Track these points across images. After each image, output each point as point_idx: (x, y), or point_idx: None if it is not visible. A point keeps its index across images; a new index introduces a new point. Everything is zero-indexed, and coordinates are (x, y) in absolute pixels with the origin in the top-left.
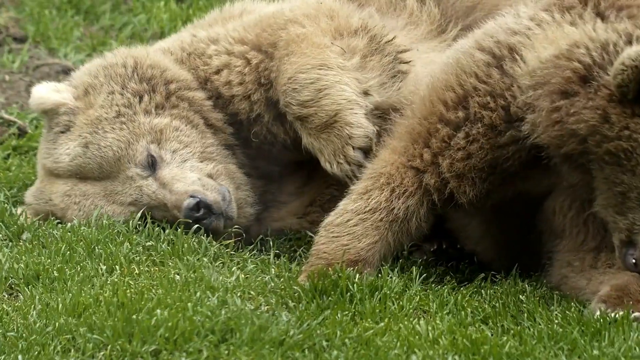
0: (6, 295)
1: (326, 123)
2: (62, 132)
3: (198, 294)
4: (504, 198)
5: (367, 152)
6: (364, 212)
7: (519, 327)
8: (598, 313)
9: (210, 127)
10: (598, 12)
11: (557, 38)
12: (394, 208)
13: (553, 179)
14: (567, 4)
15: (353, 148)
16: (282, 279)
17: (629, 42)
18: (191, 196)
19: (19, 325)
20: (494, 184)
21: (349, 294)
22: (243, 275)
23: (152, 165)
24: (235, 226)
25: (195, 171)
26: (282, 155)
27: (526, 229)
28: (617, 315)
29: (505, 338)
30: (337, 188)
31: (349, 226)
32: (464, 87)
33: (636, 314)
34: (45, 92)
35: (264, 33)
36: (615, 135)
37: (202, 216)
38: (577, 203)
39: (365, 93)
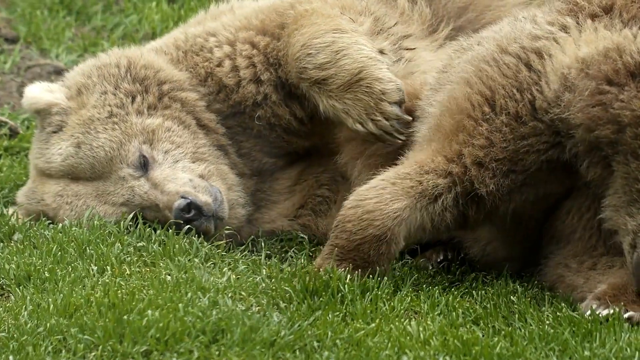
0: None
1: (349, 82)
2: (55, 132)
3: (189, 294)
4: (525, 202)
5: (400, 105)
6: (394, 179)
7: (510, 328)
8: (589, 311)
9: (203, 128)
10: (626, 23)
11: (593, 40)
12: (423, 181)
13: (573, 181)
14: (591, 11)
15: (389, 103)
16: (273, 280)
17: None
18: (182, 197)
19: (10, 325)
20: (516, 182)
21: (340, 294)
22: (234, 276)
23: (144, 165)
24: (227, 227)
25: (187, 172)
26: (280, 142)
27: (539, 230)
28: (607, 314)
29: (496, 339)
30: (328, 188)
31: (377, 189)
32: (492, 88)
33: (630, 313)
34: (38, 92)
35: (269, 17)
36: None
37: (192, 217)
38: (595, 205)
39: (381, 52)
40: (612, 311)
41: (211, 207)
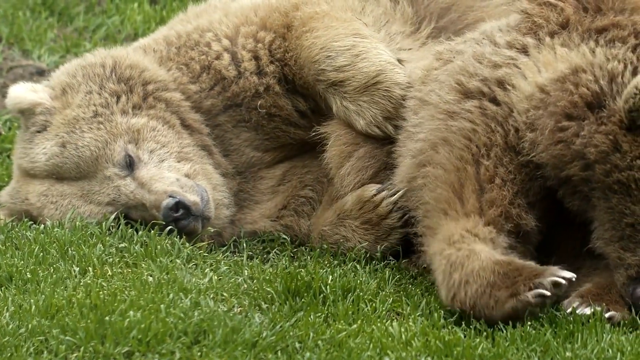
0: None
1: (366, 85)
2: (39, 132)
3: (171, 295)
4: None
5: None
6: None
7: (491, 329)
8: (570, 309)
9: (187, 128)
10: (582, 36)
11: (551, 61)
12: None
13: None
14: (550, 29)
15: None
16: (255, 281)
17: (635, 74)
18: (170, 196)
19: None
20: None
21: (322, 295)
22: (216, 277)
23: (129, 165)
24: (210, 227)
25: (172, 171)
26: (277, 132)
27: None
28: (589, 312)
29: (478, 340)
30: (312, 189)
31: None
32: (469, 137)
33: (611, 313)
34: (22, 92)
35: (271, 16)
36: (627, 165)
37: (180, 216)
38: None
39: (399, 61)
40: (593, 310)
41: (199, 206)
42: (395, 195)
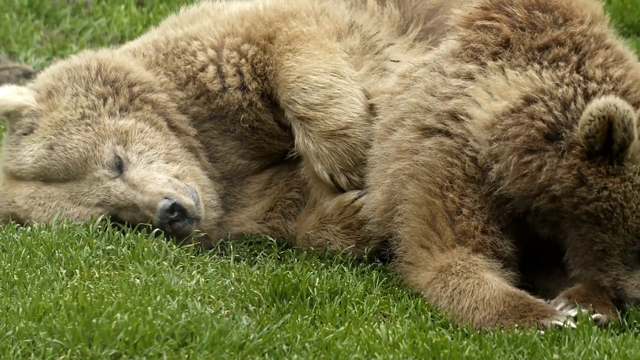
0: None
1: (332, 133)
2: (25, 134)
3: (158, 297)
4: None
5: None
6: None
7: (479, 331)
8: (558, 307)
9: (174, 130)
10: (526, 56)
11: (505, 87)
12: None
13: None
14: (490, 51)
15: (364, 164)
16: (242, 283)
17: (587, 97)
18: (166, 198)
19: None
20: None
21: (309, 297)
22: (203, 279)
23: (119, 166)
24: (196, 230)
25: (162, 172)
26: (261, 144)
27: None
28: (574, 314)
29: (465, 342)
30: (298, 191)
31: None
32: (432, 172)
33: (597, 315)
34: (8, 95)
35: (255, 26)
36: (595, 197)
37: (175, 218)
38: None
39: (371, 107)
40: (578, 312)
41: (194, 209)
42: None
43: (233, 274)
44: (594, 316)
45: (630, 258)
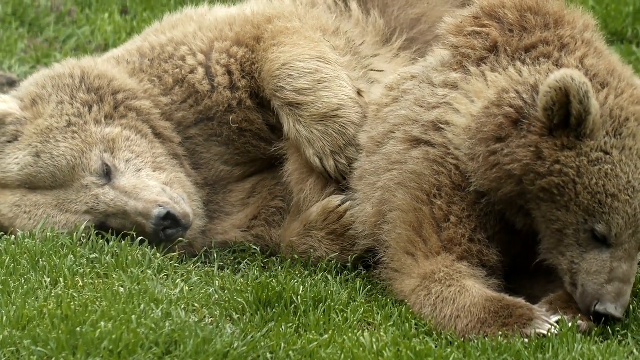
0: None
1: (324, 115)
2: (9, 142)
3: (142, 305)
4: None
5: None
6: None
7: (462, 339)
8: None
9: (158, 137)
10: (511, 56)
11: (482, 89)
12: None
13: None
14: (476, 56)
15: (356, 149)
16: (226, 291)
17: None
18: (160, 205)
19: None
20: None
21: (293, 305)
22: (187, 287)
23: (107, 173)
24: (180, 238)
25: (152, 180)
26: (247, 147)
27: None
28: (554, 320)
29: (449, 349)
30: (282, 199)
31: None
32: (420, 180)
33: (578, 322)
34: None
35: (244, 29)
36: (547, 170)
37: (170, 225)
38: None
39: (359, 93)
40: (559, 317)
41: (188, 218)
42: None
43: (217, 282)
44: (578, 322)
45: (583, 238)
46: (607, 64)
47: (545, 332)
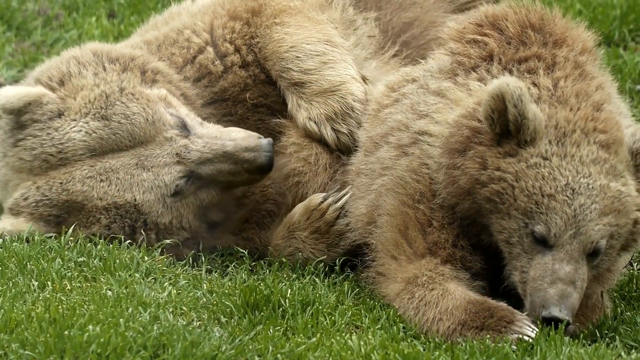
0: None
1: (325, 90)
2: (53, 118)
3: (130, 309)
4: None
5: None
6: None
7: (451, 342)
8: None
9: (186, 99)
10: (503, 67)
11: (462, 98)
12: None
13: None
14: (471, 65)
15: (355, 120)
16: (214, 295)
17: None
18: (259, 137)
19: None
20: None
21: (281, 309)
22: (175, 291)
23: (184, 126)
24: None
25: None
26: (259, 125)
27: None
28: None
29: (437, 353)
30: (274, 202)
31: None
32: (407, 187)
33: (571, 326)
34: (21, 89)
35: (235, 3)
36: (489, 178)
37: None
38: None
39: (364, 79)
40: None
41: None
42: (341, 201)
43: (205, 285)
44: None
45: (527, 243)
46: (583, 88)
47: (526, 335)
